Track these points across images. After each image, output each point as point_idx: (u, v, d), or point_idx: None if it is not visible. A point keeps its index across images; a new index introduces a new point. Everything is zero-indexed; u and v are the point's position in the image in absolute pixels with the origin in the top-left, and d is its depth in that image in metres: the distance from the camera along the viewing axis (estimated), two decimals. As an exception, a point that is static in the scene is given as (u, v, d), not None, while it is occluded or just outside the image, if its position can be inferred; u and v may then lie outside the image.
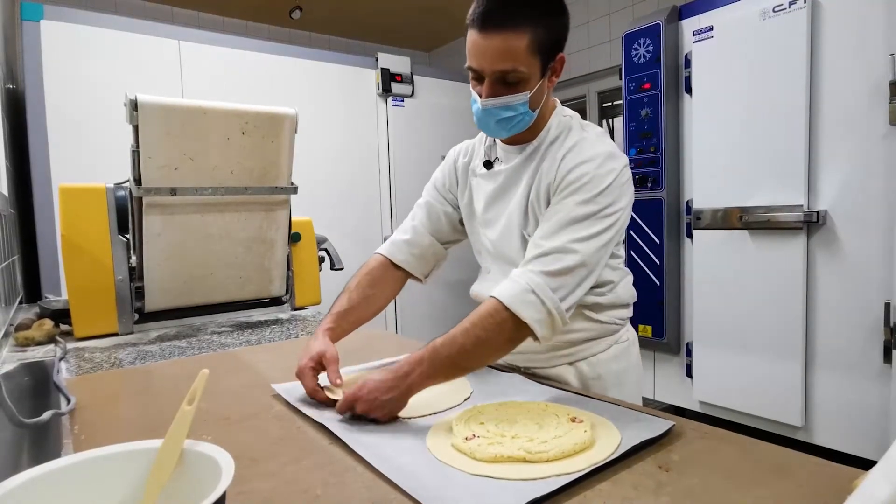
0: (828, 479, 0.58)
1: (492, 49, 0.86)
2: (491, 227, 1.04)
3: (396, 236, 1.13)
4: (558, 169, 0.92)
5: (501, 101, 0.90)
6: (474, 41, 0.88)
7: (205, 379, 0.52)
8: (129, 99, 1.26)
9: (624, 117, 2.71)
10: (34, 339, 1.39)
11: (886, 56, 1.88)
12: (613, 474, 0.61)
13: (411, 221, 1.14)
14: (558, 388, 0.92)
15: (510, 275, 0.87)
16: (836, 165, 2.06)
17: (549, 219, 0.89)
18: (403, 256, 1.11)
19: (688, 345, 2.60)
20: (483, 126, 0.96)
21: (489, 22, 0.85)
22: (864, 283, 2.01)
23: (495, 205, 1.03)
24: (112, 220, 1.48)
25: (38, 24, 2.30)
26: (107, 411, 0.89)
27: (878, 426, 1.98)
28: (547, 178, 0.94)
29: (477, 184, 1.07)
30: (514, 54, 0.86)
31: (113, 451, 0.49)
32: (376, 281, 1.09)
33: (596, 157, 0.90)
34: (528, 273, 0.84)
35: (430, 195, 1.15)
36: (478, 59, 0.88)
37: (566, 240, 0.85)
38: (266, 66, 2.93)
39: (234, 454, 0.48)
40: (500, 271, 1.03)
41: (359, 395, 0.78)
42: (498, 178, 1.02)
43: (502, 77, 0.88)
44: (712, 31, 2.34)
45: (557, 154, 0.94)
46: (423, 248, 1.12)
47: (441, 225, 1.13)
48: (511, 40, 0.85)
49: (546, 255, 0.85)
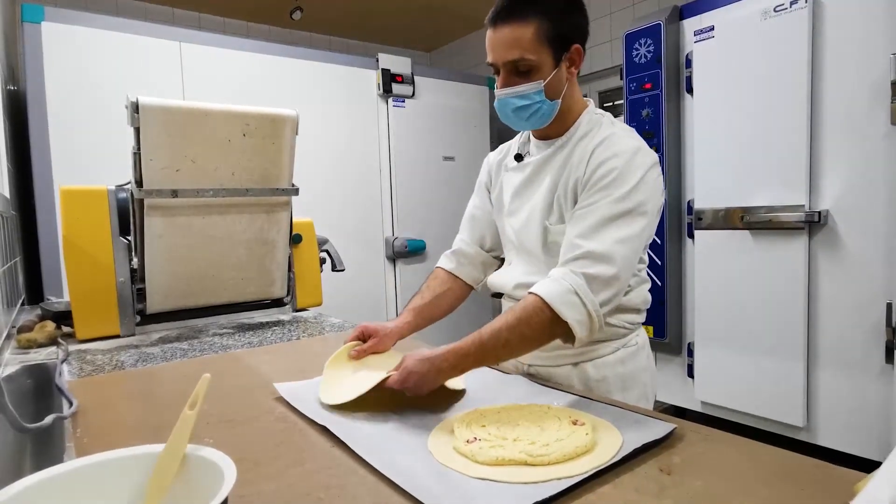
0: (831, 481, 0.58)
1: (501, 40, 0.94)
2: (515, 216, 1.08)
3: (448, 251, 1.24)
4: (588, 163, 0.95)
5: (513, 91, 0.97)
6: (488, 36, 0.96)
7: (206, 383, 0.53)
8: (130, 101, 1.26)
9: (625, 117, 2.71)
10: (36, 341, 1.39)
11: (888, 56, 1.87)
12: (615, 477, 0.61)
13: (460, 234, 1.24)
14: (560, 390, 0.92)
15: (551, 274, 0.88)
16: (837, 165, 2.06)
17: (585, 217, 0.90)
18: (453, 266, 1.21)
19: (689, 345, 2.59)
20: (503, 117, 1.02)
21: (499, 17, 0.94)
22: (866, 283, 2.00)
23: (521, 195, 1.08)
24: (113, 222, 1.48)
25: (38, 25, 2.31)
26: (109, 414, 0.89)
27: (880, 426, 1.97)
28: (576, 172, 0.96)
29: (507, 177, 1.12)
30: (521, 43, 0.92)
31: (115, 456, 0.49)
32: (444, 283, 1.19)
33: (624, 151, 0.92)
34: (570, 274, 0.85)
35: (473, 204, 1.23)
36: (491, 51, 0.96)
37: (606, 241, 0.87)
38: (267, 67, 2.93)
39: (235, 457, 0.48)
40: (520, 262, 1.09)
41: (412, 370, 0.82)
42: (526, 169, 1.07)
43: (514, 67, 0.95)
44: (713, 30, 2.34)
45: (588, 147, 0.97)
46: (471, 257, 1.21)
47: (488, 230, 1.20)
48: (517, 30, 0.92)
49: (586, 256, 0.86)
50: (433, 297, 1.16)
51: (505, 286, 1.11)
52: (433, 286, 1.18)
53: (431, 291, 1.17)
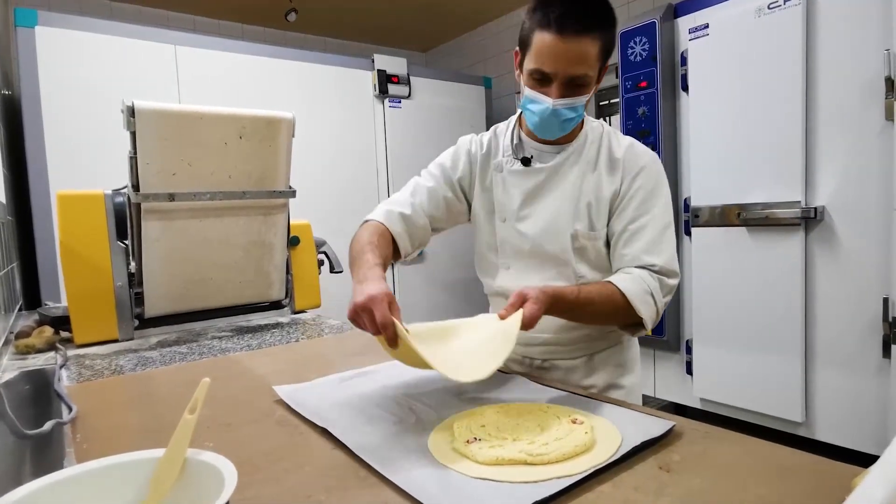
0: (829, 478, 0.58)
1: (571, 53, 0.90)
2: (528, 221, 1.07)
3: (393, 207, 1.09)
4: (622, 177, 1.01)
5: (569, 102, 0.95)
6: (551, 44, 0.90)
7: (206, 388, 0.53)
8: (125, 105, 1.26)
9: (621, 115, 2.72)
10: (34, 346, 1.39)
11: (881, 52, 1.88)
12: (614, 476, 0.61)
13: (411, 198, 1.11)
14: (559, 389, 0.92)
15: (629, 272, 0.97)
16: (832, 161, 2.07)
17: (641, 234, 0.99)
18: (398, 229, 1.07)
19: (687, 342, 2.60)
20: (545, 126, 0.99)
21: (569, 27, 0.88)
22: (863, 278, 2.01)
23: (534, 201, 1.06)
24: (111, 226, 1.48)
25: (32, 30, 2.30)
26: (108, 419, 0.89)
27: (878, 421, 1.98)
28: (609, 184, 1.02)
29: (508, 180, 1.09)
30: (589, 59, 0.92)
31: (115, 462, 0.49)
32: (387, 245, 1.04)
33: (650, 162, 1.02)
34: (648, 276, 0.96)
35: (435, 180, 1.13)
36: (553, 61, 0.91)
37: (666, 255, 0.98)
38: (262, 69, 2.93)
39: (236, 461, 0.48)
40: (523, 267, 1.08)
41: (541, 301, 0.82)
42: (538, 175, 1.06)
43: (573, 80, 0.93)
44: (708, 28, 2.35)
45: (612, 156, 1.03)
46: (417, 227, 1.10)
47: (440, 211, 1.13)
48: (588, 46, 0.90)
49: (655, 268, 0.97)
50: (384, 258, 0.99)
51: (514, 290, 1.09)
52: (381, 247, 0.99)
53: (381, 253, 0.97)
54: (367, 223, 1.08)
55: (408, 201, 1.11)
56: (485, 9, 3.99)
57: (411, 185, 1.14)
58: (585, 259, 1.04)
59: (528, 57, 0.95)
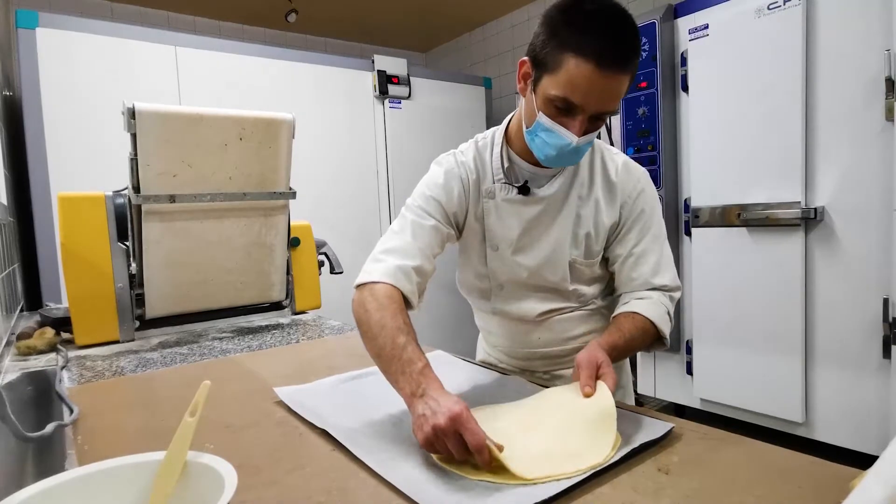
0: (828, 479, 0.59)
1: (609, 89, 0.82)
2: (527, 253, 1.02)
3: (403, 262, 0.92)
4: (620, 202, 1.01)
5: (591, 137, 0.88)
6: (588, 77, 0.79)
7: (206, 390, 0.53)
8: (126, 107, 1.26)
9: (621, 116, 2.72)
10: (36, 347, 1.39)
11: (881, 52, 1.88)
12: (613, 477, 0.61)
13: (415, 242, 0.96)
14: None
15: (644, 296, 0.99)
16: (832, 162, 2.07)
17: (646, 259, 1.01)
18: (411, 287, 0.91)
19: (688, 342, 2.60)
20: (560, 160, 0.90)
21: (610, 61, 0.79)
22: (863, 279, 2.01)
23: (535, 231, 1.01)
24: (111, 227, 1.48)
25: (33, 31, 2.30)
26: (110, 420, 0.90)
27: (878, 421, 1.98)
28: (608, 212, 1.01)
29: (503, 208, 1.01)
30: (621, 95, 0.85)
31: (117, 465, 0.49)
32: (407, 316, 0.86)
33: (643, 180, 1.04)
34: (662, 297, 1.00)
35: (434, 218, 0.99)
36: (586, 94, 0.81)
37: (669, 275, 1.01)
38: (263, 70, 2.93)
39: (236, 462, 0.48)
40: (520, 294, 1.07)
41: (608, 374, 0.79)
42: (539, 204, 1.00)
43: (601, 115, 0.86)
44: (708, 28, 2.35)
45: (611, 176, 1.02)
46: (425, 275, 0.96)
47: (440, 248, 1.02)
48: (624, 83, 0.83)
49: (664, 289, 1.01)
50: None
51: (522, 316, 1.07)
52: (410, 326, 0.83)
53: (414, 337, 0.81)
54: (377, 287, 0.88)
55: (414, 249, 0.95)
56: (485, 9, 3.99)
57: (409, 226, 0.98)
58: (581, 280, 1.05)
59: (552, 81, 0.83)
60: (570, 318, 1.07)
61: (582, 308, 1.07)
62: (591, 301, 1.08)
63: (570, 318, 1.07)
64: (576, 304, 1.07)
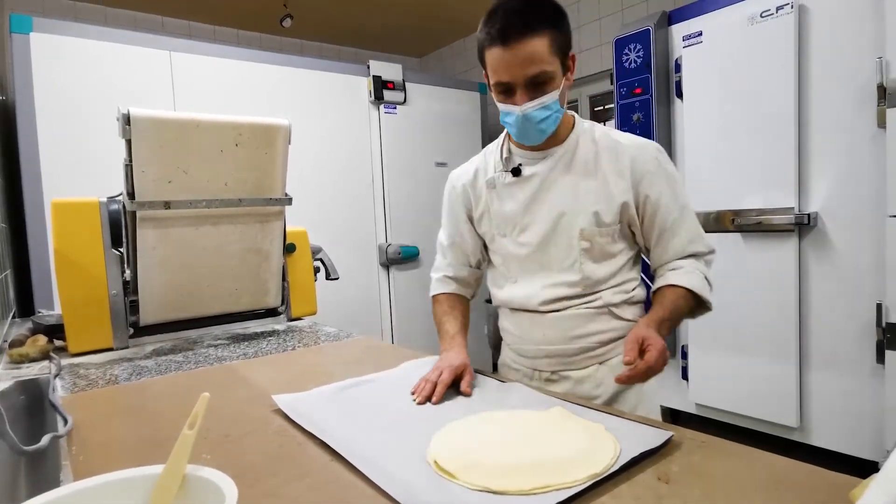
0: (825, 487, 0.59)
1: (519, 58, 0.93)
2: (528, 231, 1.09)
3: (438, 274, 1.26)
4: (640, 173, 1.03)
5: (538, 103, 0.97)
6: (500, 57, 0.94)
7: (206, 402, 0.52)
8: (121, 113, 1.26)
9: (616, 122, 2.73)
10: (28, 355, 1.38)
11: (874, 59, 1.90)
12: (613, 487, 0.61)
13: (444, 259, 1.26)
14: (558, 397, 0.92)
15: (679, 265, 1.05)
16: (825, 168, 2.09)
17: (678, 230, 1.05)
18: (452, 289, 1.24)
19: (683, 347, 2.61)
20: (523, 133, 1.02)
21: (510, 35, 0.92)
22: (856, 284, 2.02)
23: (532, 209, 1.08)
24: (105, 234, 1.47)
25: (27, 36, 2.29)
26: (104, 430, 0.89)
27: (873, 425, 1.99)
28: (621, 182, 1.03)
29: (503, 193, 1.12)
30: (540, 57, 0.93)
31: (114, 479, 0.49)
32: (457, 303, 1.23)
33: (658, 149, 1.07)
34: (698, 264, 1.06)
35: (448, 234, 1.24)
36: (507, 71, 0.95)
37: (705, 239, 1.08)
38: (258, 76, 2.93)
39: (234, 473, 0.48)
40: (529, 277, 1.10)
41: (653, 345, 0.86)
42: (532, 182, 1.08)
43: (533, 81, 0.95)
44: (701, 36, 2.37)
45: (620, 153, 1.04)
46: (463, 279, 1.25)
47: (468, 254, 1.22)
48: (535, 45, 0.92)
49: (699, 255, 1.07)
50: (462, 317, 1.19)
51: (526, 303, 1.10)
52: (456, 307, 1.20)
53: (459, 312, 1.19)
54: (435, 298, 1.26)
55: (444, 264, 1.26)
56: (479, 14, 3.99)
57: (440, 248, 1.27)
58: (591, 257, 1.06)
59: (488, 74, 1.00)
60: (575, 316, 1.07)
61: (589, 303, 1.07)
62: (598, 289, 1.07)
63: (576, 315, 1.07)
64: (582, 291, 1.06)
